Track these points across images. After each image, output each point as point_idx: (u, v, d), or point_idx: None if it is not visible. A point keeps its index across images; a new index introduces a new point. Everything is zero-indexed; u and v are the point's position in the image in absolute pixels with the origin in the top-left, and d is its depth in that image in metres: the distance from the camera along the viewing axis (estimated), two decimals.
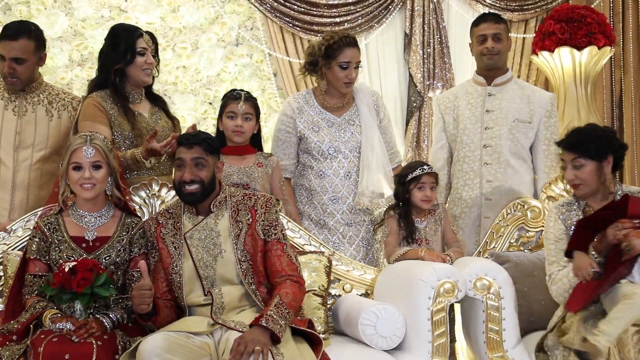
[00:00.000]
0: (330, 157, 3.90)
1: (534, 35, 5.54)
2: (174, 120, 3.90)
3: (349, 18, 5.33)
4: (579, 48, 5.26)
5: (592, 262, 3.07)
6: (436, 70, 5.37)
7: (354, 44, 3.86)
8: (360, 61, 3.89)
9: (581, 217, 3.27)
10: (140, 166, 3.57)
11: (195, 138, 3.10)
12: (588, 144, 3.23)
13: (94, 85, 3.73)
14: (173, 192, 3.50)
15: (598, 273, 3.07)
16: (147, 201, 3.54)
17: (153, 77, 3.84)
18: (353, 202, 3.90)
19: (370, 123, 3.94)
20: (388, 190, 3.98)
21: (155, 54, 3.82)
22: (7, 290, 3.21)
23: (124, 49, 3.66)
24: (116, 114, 3.64)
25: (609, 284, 3.04)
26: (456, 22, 5.56)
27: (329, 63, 3.83)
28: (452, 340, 3.71)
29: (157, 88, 3.98)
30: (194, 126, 3.62)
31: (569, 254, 3.18)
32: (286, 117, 3.96)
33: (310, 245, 3.66)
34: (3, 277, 3.35)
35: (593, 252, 3.13)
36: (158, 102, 3.89)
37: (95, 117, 3.58)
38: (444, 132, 4.23)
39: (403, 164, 4.14)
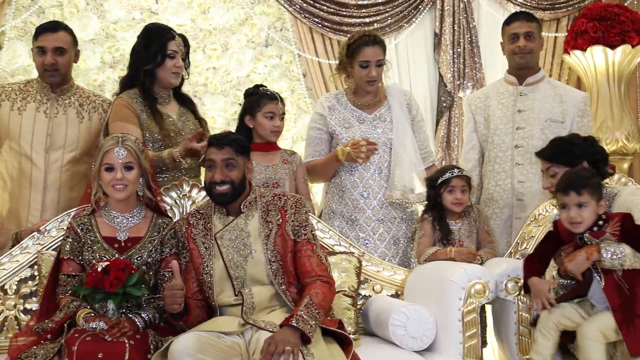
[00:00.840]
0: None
1: (566, 34, 5.48)
2: (201, 122, 3.93)
3: (378, 18, 5.31)
4: (612, 47, 5.20)
5: (550, 283, 3.23)
6: (466, 70, 5.34)
7: (373, 42, 3.86)
8: (381, 59, 3.88)
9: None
10: (177, 166, 3.59)
11: (225, 139, 3.12)
12: (560, 152, 3.36)
13: (124, 84, 3.78)
14: (204, 193, 3.52)
15: (564, 285, 3.27)
16: (178, 202, 3.57)
17: (182, 79, 3.87)
18: (384, 197, 3.89)
19: (402, 120, 3.94)
20: (419, 187, 3.97)
21: (186, 56, 3.85)
22: (41, 290, 3.26)
23: (154, 51, 3.69)
24: (145, 116, 3.67)
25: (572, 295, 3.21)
26: (486, 21, 5.52)
27: (351, 62, 3.88)
28: (483, 343, 3.68)
29: (187, 89, 4.01)
30: (199, 132, 3.64)
31: (526, 288, 3.29)
32: (318, 115, 3.99)
33: (340, 245, 3.66)
34: (38, 277, 3.39)
35: (560, 280, 3.26)
36: (186, 104, 3.92)
37: (126, 118, 3.62)
38: (475, 132, 4.21)
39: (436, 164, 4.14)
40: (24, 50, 4.99)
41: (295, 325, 2.76)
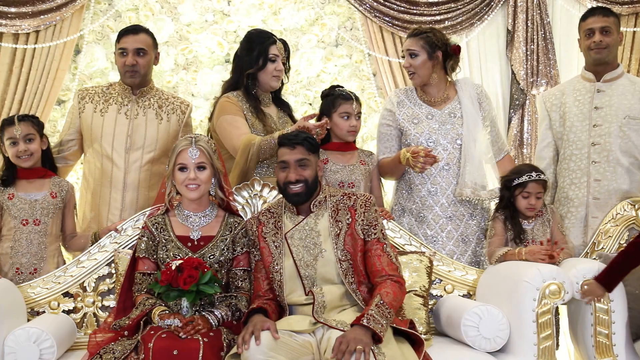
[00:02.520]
0: (432, 149, 3.83)
1: None
2: None
3: (449, 16, 5.25)
4: None
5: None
6: (540, 67, 5.22)
7: (410, 35, 3.92)
8: (414, 50, 3.86)
9: None
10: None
11: (296, 138, 3.14)
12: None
13: (228, 86, 3.89)
14: (275, 192, 3.56)
15: None
16: (249, 201, 3.60)
17: (282, 83, 3.95)
18: (452, 194, 3.84)
19: (473, 116, 3.89)
20: (491, 183, 3.90)
21: (287, 60, 3.93)
22: (118, 287, 3.34)
23: (256, 55, 3.80)
24: (249, 114, 3.76)
25: None
26: (561, 17, 5.38)
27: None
28: (557, 345, 3.61)
29: (281, 94, 4.08)
30: (315, 114, 3.76)
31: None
32: (387, 111, 3.98)
33: (411, 245, 3.64)
34: (115, 275, 3.47)
35: None
36: (284, 108, 4.02)
37: (234, 111, 3.73)
38: (549, 129, 4.12)
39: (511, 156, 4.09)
40: (101, 54, 5.11)
41: (366, 324, 2.76)
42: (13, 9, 4.73)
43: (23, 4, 4.75)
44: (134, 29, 3.98)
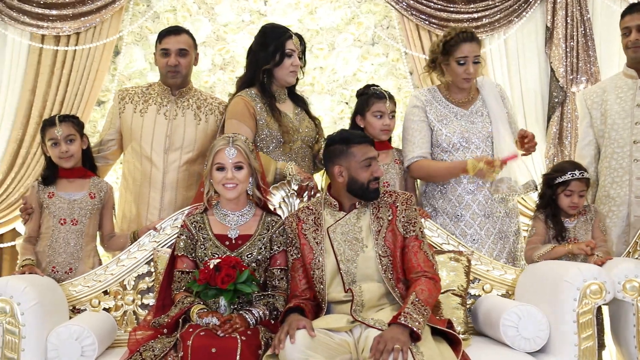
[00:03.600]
0: (462, 149, 3.82)
1: None
2: (315, 121, 3.95)
3: (487, 13, 5.20)
4: None
5: None
6: (580, 64, 5.14)
7: (471, 38, 3.78)
8: (478, 55, 3.80)
9: None
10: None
11: (367, 137, 3.22)
12: None
13: (243, 83, 3.83)
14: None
15: None
16: (286, 200, 3.60)
17: (297, 78, 3.91)
18: (489, 192, 3.80)
19: (500, 113, 3.86)
20: (522, 178, 3.86)
21: (302, 55, 3.89)
22: (157, 286, 3.37)
23: (272, 50, 3.74)
24: (265, 114, 3.72)
25: None
26: (602, 13, 5.29)
27: (447, 59, 3.80)
28: (601, 346, 3.55)
29: (296, 89, 4.04)
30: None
31: None
32: (417, 108, 3.90)
33: (449, 244, 3.62)
34: (154, 273, 3.50)
35: None
36: (300, 103, 3.96)
37: (242, 117, 3.68)
38: (590, 127, 4.07)
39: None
40: (140, 55, 5.17)
41: (404, 322, 2.75)
42: (54, 12, 4.80)
43: (64, 6, 4.82)
44: (176, 30, 4.00)
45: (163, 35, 3.97)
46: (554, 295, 3.23)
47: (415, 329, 2.74)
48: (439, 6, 5.15)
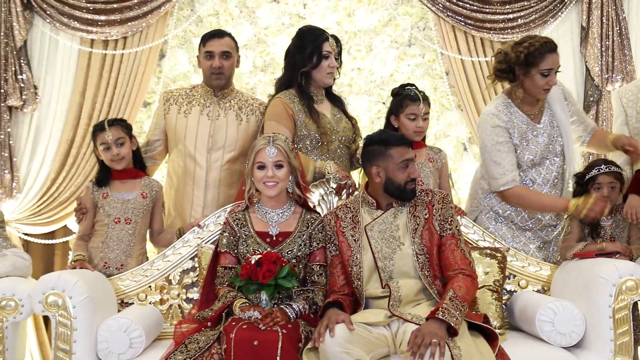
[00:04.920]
0: (538, 165, 3.75)
1: None
2: (352, 120, 3.95)
3: (522, 14, 5.14)
4: None
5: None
6: (615, 63, 5.06)
7: (555, 49, 3.62)
8: (560, 65, 3.65)
9: None
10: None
11: (408, 140, 3.21)
12: None
13: (281, 84, 3.84)
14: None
15: None
16: (325, 198, 3.61)
17: (334, 79, 3.90)
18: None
19: (567, 123, 3.76)
20: None
21: (339, 56, 3.88)
22: (201, 280, 3.40)
23: (310, 52, 3.74)
24: (302, 115, 3.73)
25: None
26: (638, 12, 5.19)
27: (528, 71, 3.61)
28: (637, 341, 3.50)
29: (333, 89, 4.04)
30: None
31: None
32: (500, 128, 3.69)
33: (485, 241, 3.59)
34: (198, 268, 3.54)
35: None
36: (337, 103, 3.95)
37: (280, 118, 3.69)
38: (625, 125, 4.00)
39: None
40: (184, 58, 5.22)
41: (441, 317, 2.75)
42: (103, 17, 4.87)
43: (112, 12, 4.88)
44: (220, 33, 4.03)
45: (207, 38, 3.99)
46: (589, 291, 3.20)
47: (452, 324, 2.73)
48: (475, 7, 5.11)
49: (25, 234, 4.85)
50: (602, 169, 3.57)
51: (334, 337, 2.73)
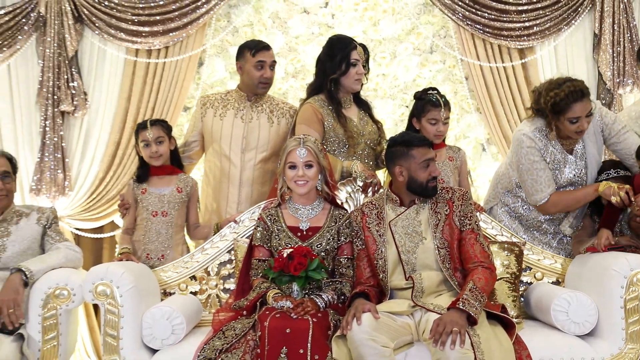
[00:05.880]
0: (564, 187, 3.68)
1: None
2: (377, 124, 3.94)
3: (538, 22, 5.08)
4: None
5: (610, 237, 3.34)
6: (626, 68, 4.99)
7: (581, 96, 3.41)
8: (591, 109, 3.45)
9: None
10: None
11: (427, 140, 3.21)
12: None
13: (312, 90, 3.85)
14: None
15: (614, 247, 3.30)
16: (352, 195, 3.61)
17: (362, 85, 3.90)
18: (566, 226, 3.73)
19: (595, 156, 3.65)
20: None
21: (366, 63, 3.88)
22: (237, 272, 3.42)
23: (339, 60, 3.74)
24: (331, 119, 3.73)
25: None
26: None
27: (557, 118, 3.47)
28: None
29: (360, 94, 4.03)
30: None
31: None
32: (534, 149, 3.58)
33: (502, 235, 3.57)
34: (234, 261, 3.55)
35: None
36: (364, 107, 3.95)
37: (310, 122, 3.70)
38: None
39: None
40: (221, 66, 5.24)
41: (462, 307, 2.74)
42: (147, 29, 4.91)
43: (155, 24, 4.92)
44: (268, 46, 4.03)
45: (259, 49, 3.97)
46: (602, 283, 3.17)
47: (472, 314, 2.73)
48: (493, 16, 5.06)
49: (76, 229, 4.92)
50: (611, 174, 3.53)
51: (361, 325, 2.74)
